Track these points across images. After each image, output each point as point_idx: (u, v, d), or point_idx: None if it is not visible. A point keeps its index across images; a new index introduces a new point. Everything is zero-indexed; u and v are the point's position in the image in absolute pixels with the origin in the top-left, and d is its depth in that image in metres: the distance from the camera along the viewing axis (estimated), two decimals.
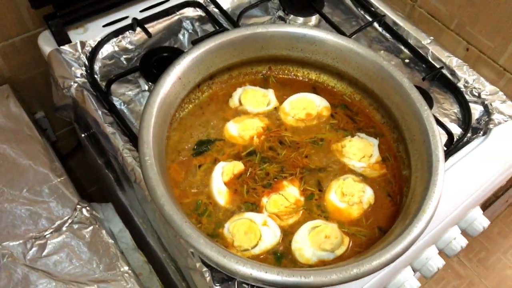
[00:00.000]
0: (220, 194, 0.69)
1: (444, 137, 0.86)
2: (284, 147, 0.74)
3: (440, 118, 0.89)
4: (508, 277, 1.91)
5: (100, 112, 0.82)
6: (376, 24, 1.03)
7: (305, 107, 0.79)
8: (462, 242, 0.89)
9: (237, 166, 0.71)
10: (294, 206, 0.68)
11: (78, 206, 0.88)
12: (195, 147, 0.74)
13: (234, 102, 0.78)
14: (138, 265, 0.92)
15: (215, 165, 0.72)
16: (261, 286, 0.63)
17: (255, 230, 0.65)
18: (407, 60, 0.99)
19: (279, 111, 0.79)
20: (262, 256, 0.64)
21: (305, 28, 0.75)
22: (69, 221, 0.87)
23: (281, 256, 0.64)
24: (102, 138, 0.82)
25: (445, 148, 0.85)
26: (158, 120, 0.64)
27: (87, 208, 0.88)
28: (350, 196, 0.69)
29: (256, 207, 0.68)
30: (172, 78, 0.68)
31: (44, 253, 0.83)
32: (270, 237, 0.65)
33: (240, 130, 0.76)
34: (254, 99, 0.78)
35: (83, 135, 0.97)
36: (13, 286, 0.79)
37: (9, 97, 1.01)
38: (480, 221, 0.90)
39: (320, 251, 0.64)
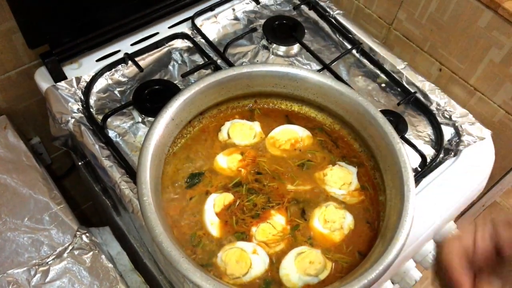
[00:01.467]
0: (213, 225, 0.75)
1: (418, 159, 0.93)
2: (273, 180, 0.80)
3: (415, 140, 0.96)
4: None
5: (97, 146, 0.88)
6: (354, 51, 1.09)
7: (289, 138, 0.85)
8: None
9: (228, 198, 0.77)
10: (281, 234, 0.75)
11: (78, 233, 0.93)
12: (188, 180, 0.79)
13: (223, 135, 0.84)
14: (136, 286, 0.97)
15: (207, 197, 0.77)
16: None
17: (245, 259, 0.71)
18: (383, 85, 1.06)
19: (265, 143, 0.85)
20: (252, 283, 0.70)
21: (288, 67, 0.81)
22: (70, 247, 0.92)
23: (270, 282, 0.70)
24: (100, 170, 0.88)
25: (419, 169, 0.92)
26: (154, 161, 0.70)
27: (87, 234, 0.93)
28: (332, 222, 0.76)
29: (246, 236, 0.74)
30: (166, 119, 0.74)
31: (47, 279, 0.88)
32: (260, 264, 0.71)
33: (229, 162, 0.81)
34: (242, 132, 0.84)
35: (80, 163, 1.02)
36: None
37: (6, 128, 1.05)
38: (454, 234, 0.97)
39: (305, 276, 0.71)
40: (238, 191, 0.78)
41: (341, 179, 0.81)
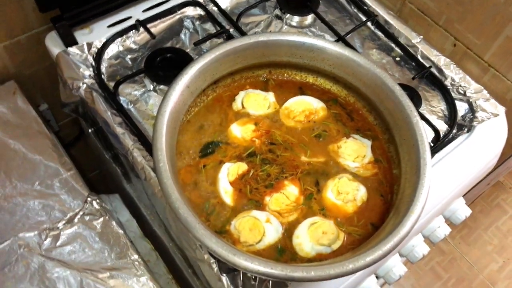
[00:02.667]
0: (227, 193, 0.75)
1: (431, 134, 0.93)
2: (286, 151, 0.80)
3: (428, 115, 0.96)
4: (488, 253, 2.02)
5: (109, 113, 0.87)
6: (369, 23, 1.07)
7: (304, 109, 0.84)
8: (446, 230, 0.97)
9: (241, 167, 0.77)
10: (295, 204, 0.75)
11: (89, 199, 0.93)
12: (202, 149, 0.79)
13: (237, 105, 0.84)
14: (145, 252, 0.98)
15: (221, 166, 0.77)
16: (265, 278, 0.70)
17: (259, 227, 0.72)
18: (398, 58, 1.04)
19: (280, 113, 0.85)
20: (265, 251, 0.71)
21: (305, 37, 0.80)
22: (81, 213, 0.92)
23: (283, 250, 0.71)
24: (112, 137, 0.87)
25: (432, 145, 0.92)
26: (169, 128, 0.69)
27: (97, 200, 0.94)
28: (345, 194, 0.76)
29: (259, 205, 0.75)
30: (181, 86, 0.73)
31: (58, 243, 0.89)
32: (273, 233, 0.72)
33: (243, 132, 0.81)
34: (256, 102, 0.83)
35: (90, 130, 1.01)
36: (31, 274, 0.85)
37: (16, 93, 1.05)
38: (463, 210, 0.98)
39: (318, 246, 0.71)
40: (252, 161, 0.78)
41: (355, 152, 0.81)
